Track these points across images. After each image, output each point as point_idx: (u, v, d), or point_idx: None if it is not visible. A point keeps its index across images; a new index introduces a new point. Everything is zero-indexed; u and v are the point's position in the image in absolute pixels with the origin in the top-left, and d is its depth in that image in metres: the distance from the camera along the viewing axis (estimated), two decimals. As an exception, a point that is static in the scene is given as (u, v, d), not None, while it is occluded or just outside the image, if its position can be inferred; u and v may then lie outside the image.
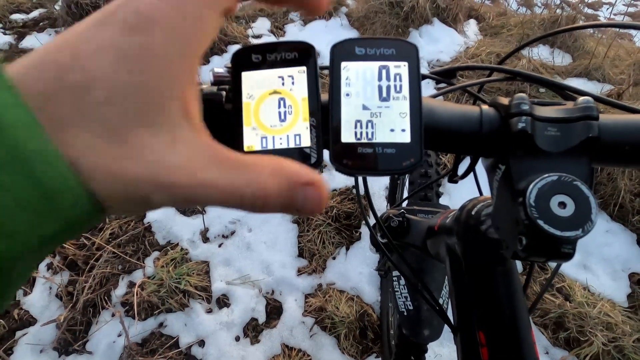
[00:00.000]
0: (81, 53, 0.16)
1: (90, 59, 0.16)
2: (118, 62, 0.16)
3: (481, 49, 2.27)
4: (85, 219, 0.16)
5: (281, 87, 0.25)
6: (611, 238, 1.52)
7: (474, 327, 0.37)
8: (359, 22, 2.50)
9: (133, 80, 0.16)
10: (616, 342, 1.21)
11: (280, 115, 0.25)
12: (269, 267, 1.45)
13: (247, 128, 0.25)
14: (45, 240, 0.15)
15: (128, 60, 0.16)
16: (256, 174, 0.18)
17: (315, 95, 0.25)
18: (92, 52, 0.16)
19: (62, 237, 0.16)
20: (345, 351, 1.25)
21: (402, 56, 0.25)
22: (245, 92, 0.25)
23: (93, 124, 0.15)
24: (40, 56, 0.16)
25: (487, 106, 0.29)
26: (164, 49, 0.16)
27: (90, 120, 0.15)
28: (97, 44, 0.16)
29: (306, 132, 0.24)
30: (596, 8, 3.71)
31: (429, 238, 0.53)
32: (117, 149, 0.16)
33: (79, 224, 0.16)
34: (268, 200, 0.18)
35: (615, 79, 2.11)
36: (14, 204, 0.14)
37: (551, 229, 0.23)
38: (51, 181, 0.14)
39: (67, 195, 0.15)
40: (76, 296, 1.38)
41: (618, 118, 0.27)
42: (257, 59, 0.25)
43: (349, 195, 1.63)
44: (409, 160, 0.24)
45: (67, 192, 0.15)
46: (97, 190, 0.16)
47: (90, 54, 0.16)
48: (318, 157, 0.24)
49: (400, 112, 0.25)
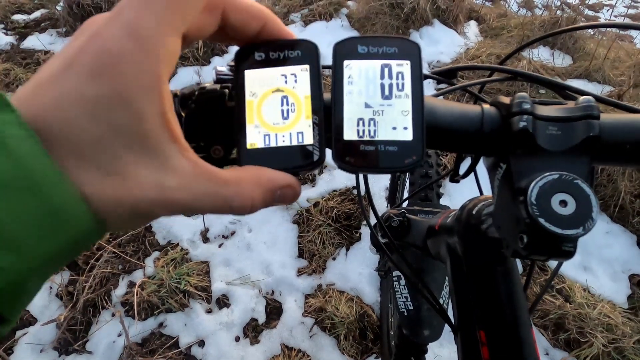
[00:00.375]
0: (63, 104, 0.17)
1: (68, 110, 0.17)
2: (93, 111, 0.17)
3: (481, 50, 2.28)
4: (87, 237, 0.18)
5: (284, 85, 0.25)
6: (611, 239, 1.52)
7: (475, 326, 0.37)
8: (360, 23, 2.51)
9: (113, 123, 0.17)
10: (616, 344, 1.21)
11: (283, 113, 0.25)
12: (269, 268, 1.45)
13: (250, 126, 0.25)
14: (51, 256, 0.16)
15: (102, 107, 0.17)
16: (241, 187, 0.21)
17: (318, 93, 0.25)
18: (67, 104, 0.17)
19: (67, 255, 0.17)
20: (345, 352, 1.25)
21: (404, 55, 0.25)
22: (248, 90, 0.25)
23: (90, 159, 0.17)
24: (34, 94, 0.17)
25: (489, 105, 0.29)
26: (134, 88, 0.17)
27: (87, 157, 0.17)
28: (68, 95, 0.17)
29: (309, 130, 0.24)
30: (596, 10, 3.72)
31: (430, 238, 0.53)
32: (118, 180, 0.18)
33: (83, 241, 0.18)
34: (254, 205, 0.22)
35: (616, 80, 2.12)
36: (23, 221, 0.15)
37: (552, 227, 0.23)
38: (57, 199, 0.16)
39: (72, 213, 0.16)
40: (76, 296, 1.38)
41: (619, 117, 0.27)
42: (260, 57, 0.25)
43: (349, 196, 1.63)
44: (410, 158, 0.24)
45: (72, 210, 0.16)
46: (101, 211, 0.17)
47: (66, 106, 0.17)
48: (320, 154, 0.24)
49: (403, 110, 0.25)
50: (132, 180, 0.18)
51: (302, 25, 2.56)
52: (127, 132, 0.17)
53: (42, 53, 2.41)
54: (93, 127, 0.17)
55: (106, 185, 0.17)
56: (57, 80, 0.17)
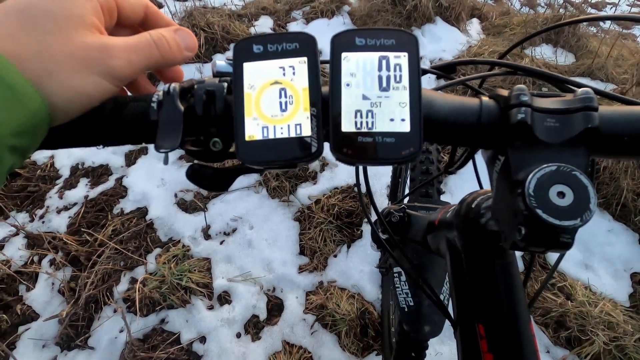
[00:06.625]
0: (24, 29, 0.24)
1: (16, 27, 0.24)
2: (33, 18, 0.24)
3: (484, 48, 2.27)
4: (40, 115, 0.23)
5: (282, 78, 0.25)
6: (613, 238, 1.52)
7: (474, 320, 0.37)
8: (362, 20, 2.50)
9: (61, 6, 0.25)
10: (617, 342, 1.21)
11: (281, 105, 0.25)
12: (270, 265, 1.45)
13: (248, 118, 0.25)
14: (16, 128, 0.22)
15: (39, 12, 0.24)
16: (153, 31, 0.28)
17: (315, 86, 0.25)
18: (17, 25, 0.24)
19: (29, 132, 0.23)
20: (346, 348, 1.25)
21: (402, 47, 0.25)
22: (247, 82, 0.25)
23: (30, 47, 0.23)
24: None
25: (487, 98, 0.29)
26: None
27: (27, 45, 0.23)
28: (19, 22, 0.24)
29: (307, 122, 0.25)
30: (600, 8, 3.70)
31: (430, 233, 0.53)
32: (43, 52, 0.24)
33: (39, 118, 0.23)
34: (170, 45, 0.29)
35: (619, 78, 2.11)
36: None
37: (550, 218, 0.23)
38: (10, 80, 0.22)
39: (24, 91, 0.22)
40: (78, 292, 1.39)
41: (617, 109, 0.27)
42: (258, 50, 0.25)
43: (350, 194, 1.63)
44: (408, 150, 0.24)
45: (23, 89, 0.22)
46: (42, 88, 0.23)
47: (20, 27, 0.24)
48: (318, 146, 0.24)
49: (400, 101, 0.25)
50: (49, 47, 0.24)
51: (304, 22, 2.56)
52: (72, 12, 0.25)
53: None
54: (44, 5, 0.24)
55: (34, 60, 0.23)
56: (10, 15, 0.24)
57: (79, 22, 0.25)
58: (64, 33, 0.24)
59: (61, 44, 0.24)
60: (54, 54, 0.24)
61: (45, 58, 0.23)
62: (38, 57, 0.23)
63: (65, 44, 0.24)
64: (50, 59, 0.24)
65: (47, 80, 0.23)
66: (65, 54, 0.24)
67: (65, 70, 0.24)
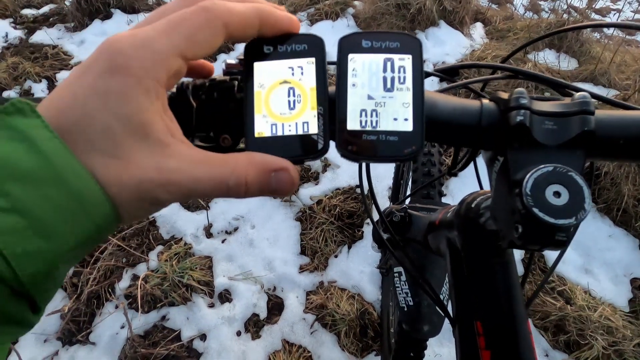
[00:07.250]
0: (77, 99, 0.20)
1: (82, 103, 0.20)
2: (103, 102, 0.20)
3: (487, 52, 2.28)
4: (107, 221, 0.20)
5: (291, 77, 0.26)
6: (614, 243, 1.52)
7: (472, 317, 0.38)
8: (366, 23, 2.51)
9: (119, 112, 0.20)
10: (616, 347, 1.22)
11: (289, 104, 0.26)
12: (271, 264, 1.46)
13: (258, 115, 0.26)
14: (77, 241, 0.19)
15: (110, 99, 0.20)
16: (236, 165, 0.22)
17: (323, 85, 0.26)
18: (81, 98, 0.20)
19: (91, 240, 0.20)
20: (346, 348, 1.26)
21: (406, 49, 0.26)
22: (257, 81, 0.26)
23: (98, 146, 0.20)
24: (54, 99, 0.20)
25: (488, 100, 0.30)
26: (139, 88, 0.20)
27: (95, 144, 0.20)
28: (82, 91, 0.20)
29: (314, 120, 0.26)
30: (604, 14, 3.71)
31: (430, 233, 0.54)
32: (123, 163, 0.20)
33: (104, 226, 0.20)
34: (248, 185, 0.23)
35: (621, 84, 2.11)
36: (55, 211, 0.18)
37: (546, 216, 0.24)
38: (82, 190, 0.18)
39: (91, 197, 0.19)
40: (81, 287, 1.40)
41: (613, 113, 0.28)
42: (268, 50, 0.26)
43: (352, 194, 1.64)
44: (410, 148, 0.25)
45: (91, 194, 0.19)
46: (113, 195, 0.20)
47: (80, 100, 0.20)
48: (325, 143, 0.25)
49: (404, 102, 0.26)
50: (133, 163, 0.20)
51: (309, 24, 2.57)
52: (130, 121, 0.20)
53: (50, 47, 2.43)
54: (102, 116, 0.20)
55: (111, 167, 0.20)
56: (75, 82, 0.20)
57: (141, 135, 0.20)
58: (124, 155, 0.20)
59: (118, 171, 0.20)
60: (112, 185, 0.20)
61: None
62: None
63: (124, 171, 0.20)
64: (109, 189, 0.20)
65: None
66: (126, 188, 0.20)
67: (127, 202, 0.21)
